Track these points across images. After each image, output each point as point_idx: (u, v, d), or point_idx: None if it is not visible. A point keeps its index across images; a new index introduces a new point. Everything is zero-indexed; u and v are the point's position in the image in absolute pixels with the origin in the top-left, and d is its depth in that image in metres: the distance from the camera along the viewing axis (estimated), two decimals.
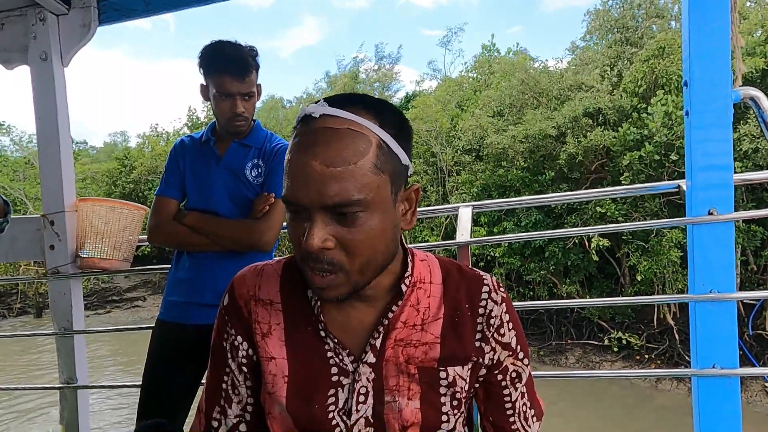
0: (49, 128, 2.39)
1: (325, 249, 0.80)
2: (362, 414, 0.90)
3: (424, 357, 0.92)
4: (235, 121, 1.95)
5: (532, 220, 11.10)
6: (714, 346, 1.73)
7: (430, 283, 0.96)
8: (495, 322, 0.95)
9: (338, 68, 26.23)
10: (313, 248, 0.79)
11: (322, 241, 0.79)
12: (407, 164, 0.87)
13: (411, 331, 0.92)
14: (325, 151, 0.78)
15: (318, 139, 0.80)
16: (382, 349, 0.91)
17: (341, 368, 0.91)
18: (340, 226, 0.81)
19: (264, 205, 1.93)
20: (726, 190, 1.71)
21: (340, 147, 0.79)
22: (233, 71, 1.88)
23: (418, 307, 0.94)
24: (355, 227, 0.80)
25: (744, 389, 8.70)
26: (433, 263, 0.99)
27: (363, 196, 0.79)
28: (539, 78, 12.45)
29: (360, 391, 0.91)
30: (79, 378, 2.40)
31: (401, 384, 0.91)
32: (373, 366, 0.91)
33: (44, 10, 2.35)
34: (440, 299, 0.95)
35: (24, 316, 17.50)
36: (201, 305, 1.94)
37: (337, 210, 0.79)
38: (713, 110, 1.69)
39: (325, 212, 0.80)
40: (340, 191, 0.78)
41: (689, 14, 1.70)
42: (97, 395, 8.92)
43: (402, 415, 0.90)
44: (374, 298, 0.93)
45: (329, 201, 0.78)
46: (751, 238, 8.98)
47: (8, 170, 20.44)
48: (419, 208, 1.03)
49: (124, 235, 2.40)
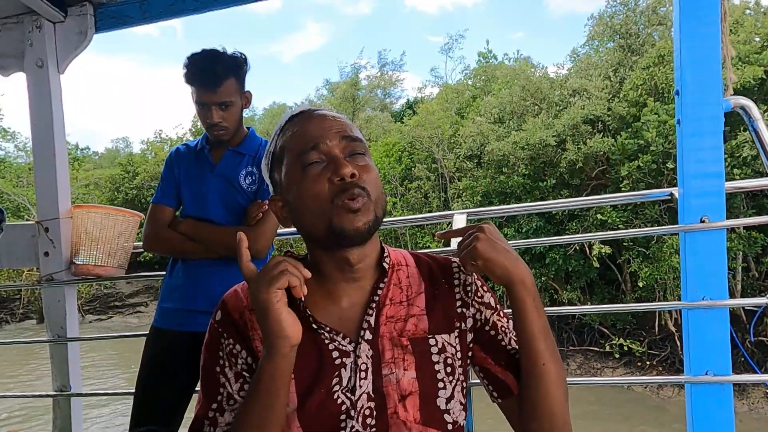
0: (45, 135, 2.40)
1: (357, 174, 0.94)
2: (364, 389, 0.95)
3: (415, 329, 1.00)
4: (213, 130, 1.96)
5: (533, 227, 11.08)
6: (707, 352, 1.73)
7: (406, 266, 1.08)
8: (472, 288, 1.07)
9: (340, 75, 26.28)
10: (347, 173, 0.93)
11: (353, 167, 0.94)
12: None
13: (399, 307, 1.02)
14: (328, 112, 1.02)
15: (318, 110, 1.02)
16: (376, 326, 0.99)
17: (341, 350, 0.97)
18: (356, 162, 0.96)
19: (257, 212, 1.93)
20: (718, 197, 1.72)
21: (336, 113, 1.03)
22: (204, 83, 1.90)
23: (401, 285, 1.04)
24: (366, 165, 0.98)
25: (746, 396, 8.65)
26: (404, 252, 1.12)
27: (364, 140, 1.01)
28: (540, 84, 12.47)
29: (361, 368, 0.96)
30: (72, 386, 2.39)
31: (396, 356, 0.98)
32: (370, 342, 0.98)
33: (41, 17, 2.37)
34: (419, 277, 1.06)
35: (27, 321, 17.49)
36: (195, 312, 1.94)
37: (352, 148, 0.98)
38: (704, 119, 1.71)
39: (344, 152, 0.96)
40: (353, 131, 1.00)
41: (680, 25, 1.73)
42: (94, 403, 8.89)
43: (400, 386, 0.96)
44: (363, 277, 1.01)
45: (350, 133, 0.99)
46: (752, 245, 8.96)
47: (12, 176, 20.46)
48: (417, 215, 1.20)
49: (119, 241, 2.40)
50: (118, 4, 2.43)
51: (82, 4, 2.39)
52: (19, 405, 9.00)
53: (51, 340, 2.36)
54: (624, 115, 10.73)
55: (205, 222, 1.98)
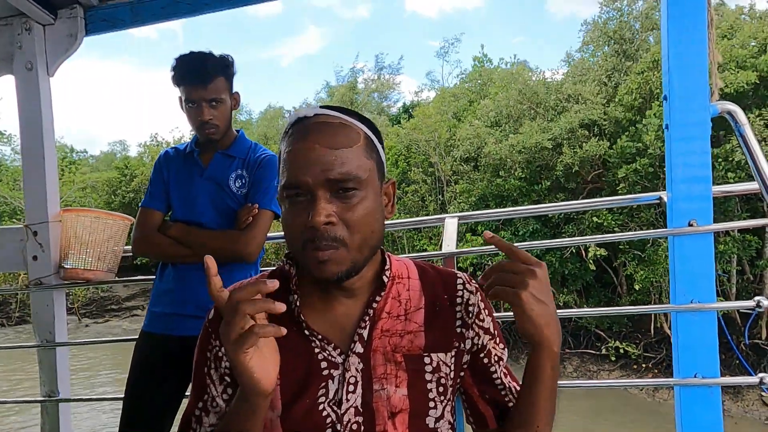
0: (34, 138, 2.38)
1: (330, 224, 0.87)
2: (352, 403, 0.93)
3: (411, 345, 0.97)
4: (204, 129, 1.95)
5: (530, 230, 11.11)
6: (695, 355, 1.74)
7: (408, 278, 1.03)
8: (474, 309, 1.02)
9: (337, 79, 26.31)
10: (319, 223, 0.86)
11: (326, 216, 0.86)
12: (384, 160, 0.99)
13: (395, 321, 0.98)
14: (324, 136, 0.90)
15: (316, 128, 0.91)
16: (369, 339, 0.96)
17: (330, 361, 0.95)
18: (341, 203, 0.88)
19: (248, 215, 1.93)
20: (705, 202, 1.73)
21: (337, 134, 0.90)
22: (194, 79, 1.90)
23: (400, 299, 1.00)
24: (354, 204, 0.89)
25: (740, 399, 8.67)
26: (408, 263, 1.07)
27: (360, 174, 0.90)
28: (537, 88, 12.51)
29: (349, 381, 0.94)
30: (61, 391, 2.37)
31: (389, 372, 0.95)
32: (361, 356, 0.95)
33: (30, 20, 2.35)
34: (420, 291, 1.02)
35: (24, 324, 17.44)
36: (184, 316, 1.93)
37: (339, 185, 0.88)
38: (692, 124, 1.72)
39: (327, 191, 0.88)
40: (342, 166, 0.88)
41: (667, 30, 1.74)
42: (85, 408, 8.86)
43: (390, 402, 0.94)
44: (359, 291, 0.98)
45: (334, 175, 0.87)
46: (747, 248, 8.99)
47: (8, 179, 20.44)
48: (410, 218, 1.16)
49: (109, 245, 2.39)
50: (108, 7, 2.41)
51: (72, 6, 2.38)
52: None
53: (39, 345, 2.35)
54: (620, 119, 10.77)
55: (195, 226, 1.97)
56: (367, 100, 24.31)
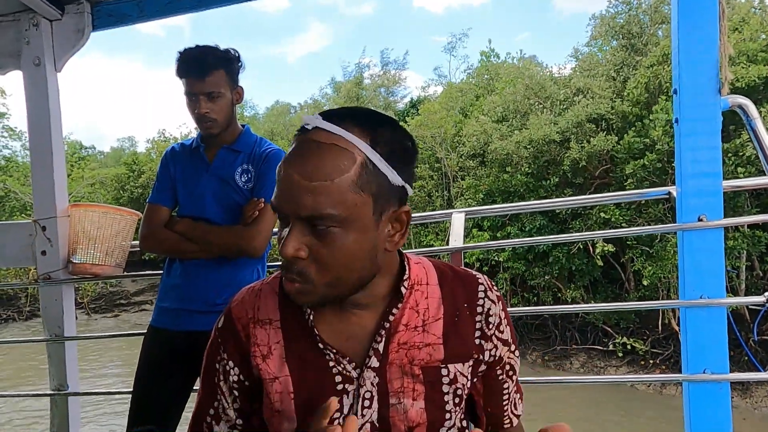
0: (42, 134, 2.39)
1: (297, 258, 0.82)
2: (368, 419, 0.91)
3: (429, 358, 0.93)
4: (202, 122, 1.94)
5: (536, 225, 11.07)
6: (704, 351, 1.74)
7: (427, 285, 0.97)
8: (494, 320, 0.98)
9: (344, 75, 26.29)
10: (285, 255, 0.82)
11: (294, 249, 0.81)
12: (399, 184, 0.86)
13: (413, 333, 0.93)
14: (305, 164, 0.81)
15: (303, 152, 0.82)
16: (385, 353, 0.92)
17: (345, 376, 0.92)
18: (315, 239, 0.82)
19: (254, 210, 1.92)
20: (715, 196, 1.71)
21: (321, 163, 0.80)
22: (192, 71, 1.90)
23: (418, 308, 0.95)
24: (329, 242, 0.82)
25: (749, 395, 8.62)
26: (428, 266, 1.00)
27: (337, 213, 0.80)
28: (544, 83, 12.45)
29: (365, 396, 0.91)
30: (70, 385, 2.38)
31: (405, 386, 0.92)
32: (376, 370, 0.92)
33: (37, 15, 2.36)
34: (439, 300, 0.96)
35: (35, 319, 17.57)
36: (191, 312, 1.93)
37: (310, 222, 0.81)
38: (702, 118, 1.71)
39: (302, 223, 0.82)
40: (313, 204, 0.79)
41: (678, 24, 1.72)
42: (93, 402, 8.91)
43: (408, 416, 0.92)
44: (372, 304, 0.93)
45: (302, 212, 0.80)
46: (756, 244, 8.93)
47: (19, 174, 20.56)
48: (417, 213, 1.08)
49: (117, 240, 2.40)
50: (115, 2, 2.41)
51: (79, 2, 2.38)
52: None
53: (48, 339, 2.36)
54: (627, 114, 10.70)
55: (202, 221, 1.97)
56: (373, 95, 24.27)
